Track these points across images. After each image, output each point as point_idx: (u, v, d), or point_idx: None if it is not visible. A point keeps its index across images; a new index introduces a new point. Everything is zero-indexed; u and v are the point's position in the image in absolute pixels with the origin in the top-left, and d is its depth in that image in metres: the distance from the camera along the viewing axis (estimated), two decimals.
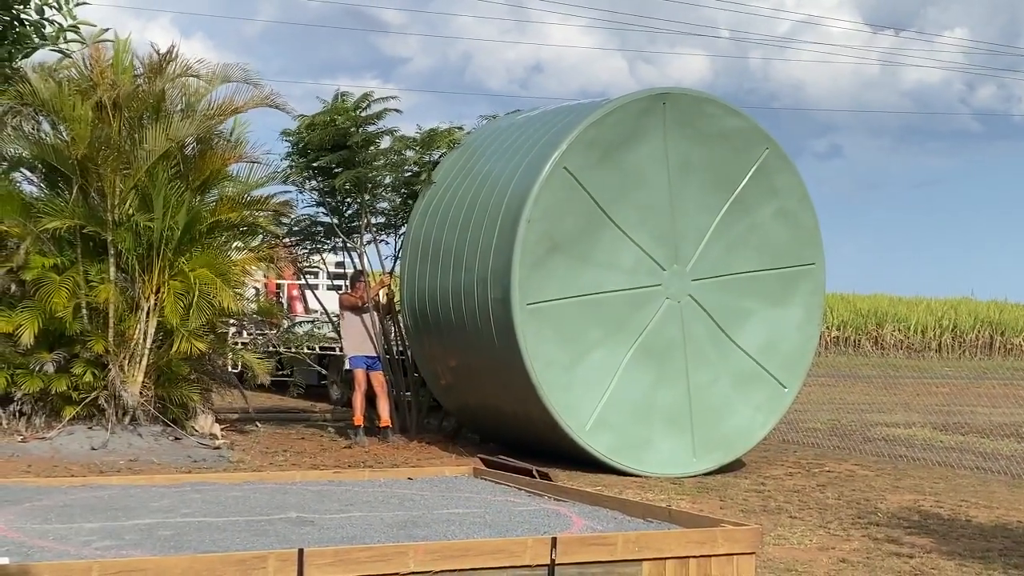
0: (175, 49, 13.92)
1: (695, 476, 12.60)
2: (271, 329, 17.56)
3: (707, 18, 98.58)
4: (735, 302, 13.13)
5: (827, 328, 48.08)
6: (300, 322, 20.26)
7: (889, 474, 13.35)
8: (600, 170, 12.41)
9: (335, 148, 14.92)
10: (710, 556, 6.54)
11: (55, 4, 3.38)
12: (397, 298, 15.37)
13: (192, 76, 14.15)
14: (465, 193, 13.61)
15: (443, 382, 14.43)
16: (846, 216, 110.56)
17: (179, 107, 14.13)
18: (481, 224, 12.90)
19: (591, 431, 12.37)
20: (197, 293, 13.18)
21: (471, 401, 14.17)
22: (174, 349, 13.22)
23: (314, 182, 15.58)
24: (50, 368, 13.11)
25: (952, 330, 50.12)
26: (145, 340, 13.31)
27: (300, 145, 15.24)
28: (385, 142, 15.17)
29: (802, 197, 13.46)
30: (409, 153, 15.08)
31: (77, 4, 3.40)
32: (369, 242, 15.79)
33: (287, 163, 15.25)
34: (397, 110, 15.31)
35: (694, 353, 12.88)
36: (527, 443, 12.94)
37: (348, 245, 15.94)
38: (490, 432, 14.29)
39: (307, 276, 19.74)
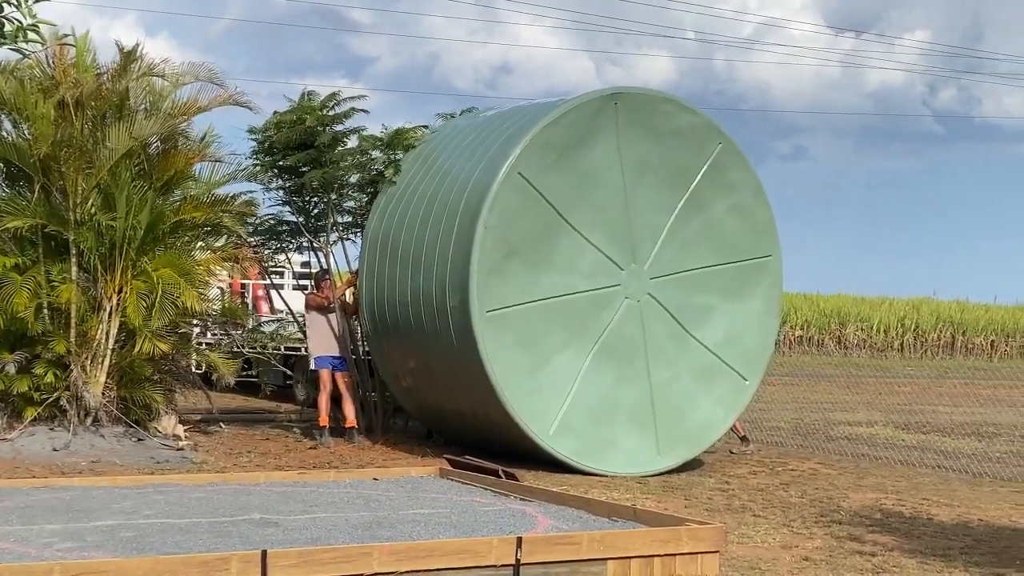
0: (140, 47, 13.84)
1: (660, 474, 12.64)
2: (236, 329, 17.47)
3: (673, 20, 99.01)
4: (694, 298, 13.20)
5: (791, 327, 48.39)
6: (266, 322, 20.17)
7: (852, 473, 13.45)
8: (556, 172, 12.43)
9: (302, 147, 14.87)
10: (675, 555, 6.57)
11: (14, 2, 3.35)
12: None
13: (157, 76, 14.05)
14: (423, 193, 13.57)
15: (404, 384, 14.41)
16: (810, 217, 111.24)
17: (143, 106, 14.03)
18: (439, 228, 12.89)
19: (555, 435, 12.38)
20: (160, 293, 13.09)
21: (431, 402, 14.15)
22: (136, 349, 13.12)
23: (279, 181, 15.52)
24: (11, 369, 12.99)
25: (914, 330, 50.53)
26: (107, 340, 13.21)
27: (266, 144, 15.17)
28: (352, 141, 15.15)
29: (756, 191, 13.52)
30: (376, 153, 15.05)
31: (37, 1, 3.36)
32: (335, 241, 15.74)
33: (252, 161, 15.18)
34: (364, 110, 15.30)
35: (655, 351, 12.93)
36: (490, 445, 12.95)
37: (314, 244, 15.88)
38: (452, 434, 14.27)
39: (272, 276, 19.66)
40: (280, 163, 15.12)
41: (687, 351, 13.13)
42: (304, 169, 14.91)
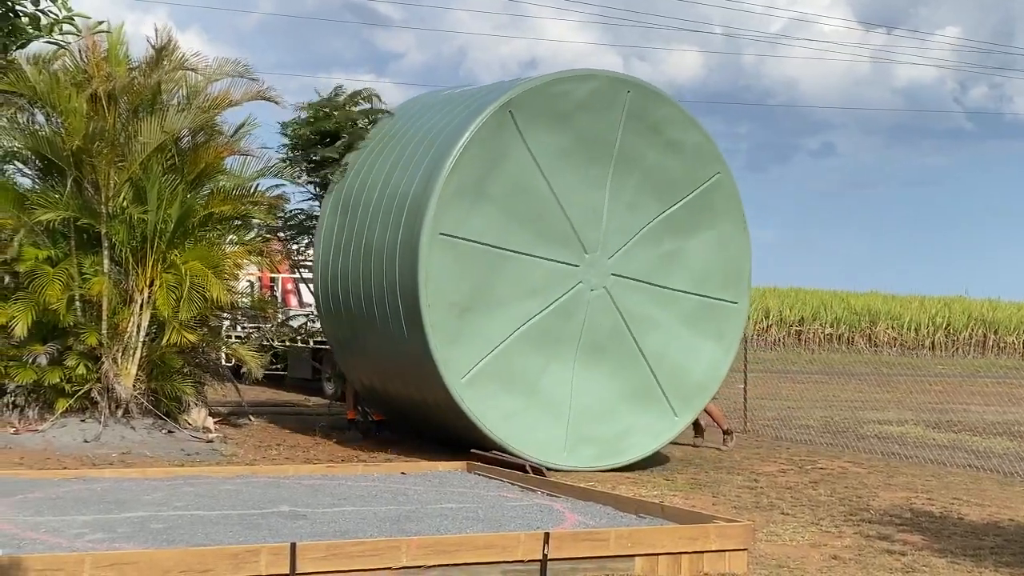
0: (172, 42, 13.89)
1: (682, 474, 12.61)
2: (265, 323, 17.53)
3: (701, 15, 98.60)
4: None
5: (820, 325, 48.22)
6: (294, 316, 20.23)
7: (881, 471, 13.37)
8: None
9: (334, 139, 14.86)
10: (702, 552, 6.56)
11: None
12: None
13: (188, 70, 14.12)
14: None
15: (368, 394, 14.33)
16: (839, 214, 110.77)
17: (175, 100, 14.11)
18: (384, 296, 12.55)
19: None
20: (188, 285, 13.16)
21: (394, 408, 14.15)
22: (164, 340, 13.21)
23: (307, 176, 15.52)
24: (43, 360, 13.10)
25: (945, 328, 50.23)
26: (138, 333, 13.29)
27: (296, 140, 15.19)
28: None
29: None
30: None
31: None
32: None
33: (281, 156, 15.19)
34: (389, 112, 15.20)
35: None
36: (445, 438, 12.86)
37: None
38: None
39: (302, 270, 19.72)
40: (314, 158, 15.13)
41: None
42: (334, 157, 14.87)
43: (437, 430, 13.04)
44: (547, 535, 6.08)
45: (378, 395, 14.06)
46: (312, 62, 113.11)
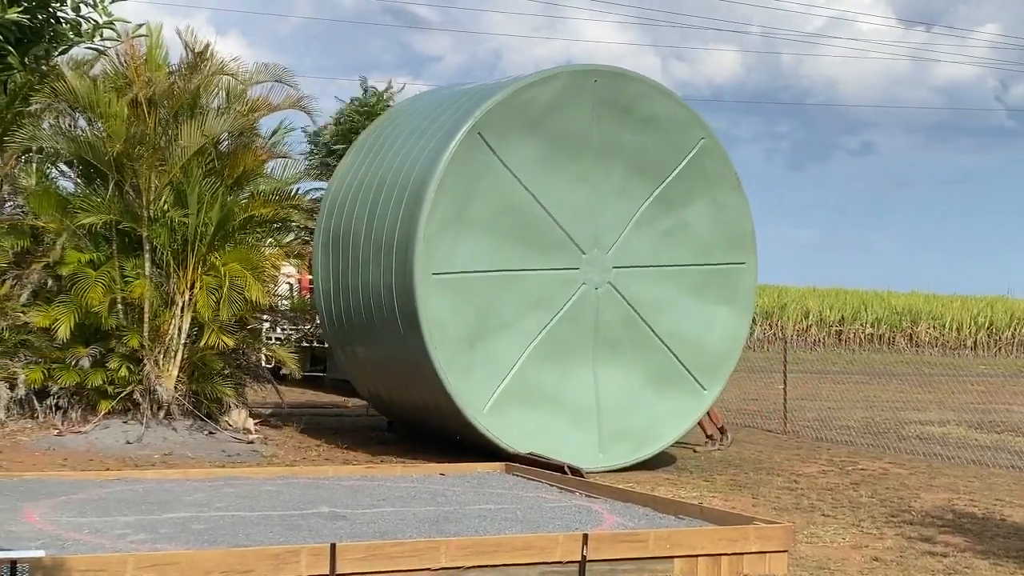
0: (211, 46, 14.00)
1: (721, 477, 12.55)
2: (305, 325, 17.61)
3: (739, 15, 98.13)
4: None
5: (861, 325, 47.85)
6: None
7: (923, 472, 13.26)
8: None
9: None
10: (742, 554, 6.53)
11: (91, 1, 3.41)
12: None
13: (227, 74, 14.22)
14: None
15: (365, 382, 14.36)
16: (881, 213, 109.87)
17: (214, 104, 14.20)
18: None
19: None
20: (228, 286, 13.24)
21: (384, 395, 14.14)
22: (203, 342, 13.30)
23: None
24: (86, 363, 13.23)
25: (988, 328, 49.70)
26: (179, 335, 13.39)
27: (329, 144, 15.30)
28: None
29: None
30: None
31: (112, 1, 3.42)
32: None
33: (312, 161, 15.31)
34: None
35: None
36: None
37: None
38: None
39: None
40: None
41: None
42: None
43: (470, 447, 13.02)
44: (586, 536, 6.07)
45: (405, 423, 14.29)
46: (350, 65, 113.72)
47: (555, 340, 12.29)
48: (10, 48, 3.34)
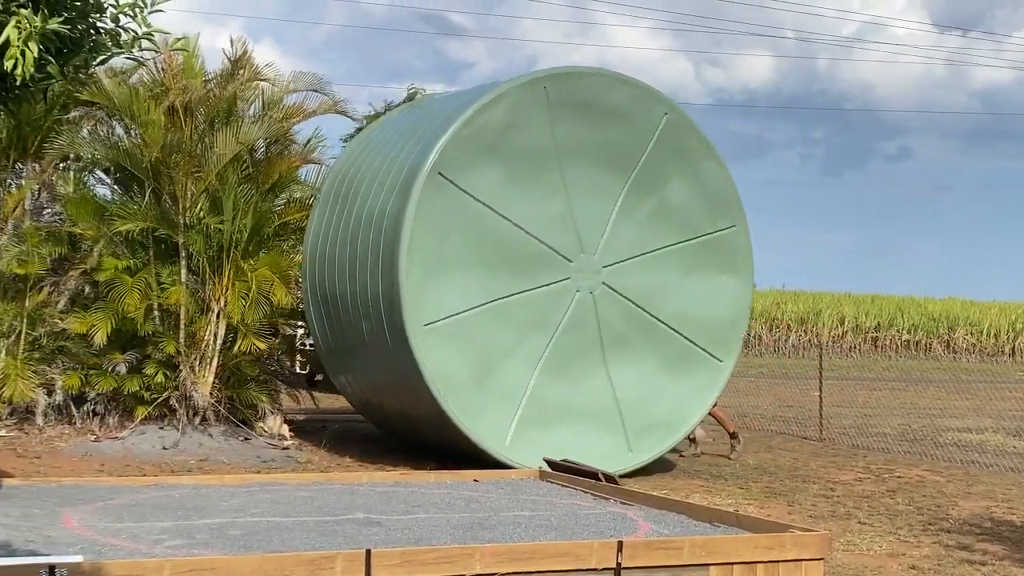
0: (246, 54, 14.10)
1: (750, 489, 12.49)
2: None
3: (773, 19, 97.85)
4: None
5: (897, 331, 47.51)
6: None
7: (960, 480, 13.15)
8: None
9: None
10: (778, 562, 6.49)
11: (130, 12, 3.44)
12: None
13: (263, 80, 14.32)
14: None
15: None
16: (918, 219, 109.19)
17: (250, 111, 14.30)
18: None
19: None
20: (255, 289, 13.32)
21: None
22: (236, 347, 13.38)
23: None
24: (122, 369, 13.33)
25: None
26: (215, 341, 13.47)
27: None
28: None
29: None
30: None
31: (152, 12, 3.45)
32: None
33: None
34: None
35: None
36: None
37: None
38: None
39: None
40: None
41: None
42: None
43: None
44: (621, 543, 6.06)
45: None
46: (383, 72, 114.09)
47: (561, 354, 12.22)
48: (50, 58, 3.37)
